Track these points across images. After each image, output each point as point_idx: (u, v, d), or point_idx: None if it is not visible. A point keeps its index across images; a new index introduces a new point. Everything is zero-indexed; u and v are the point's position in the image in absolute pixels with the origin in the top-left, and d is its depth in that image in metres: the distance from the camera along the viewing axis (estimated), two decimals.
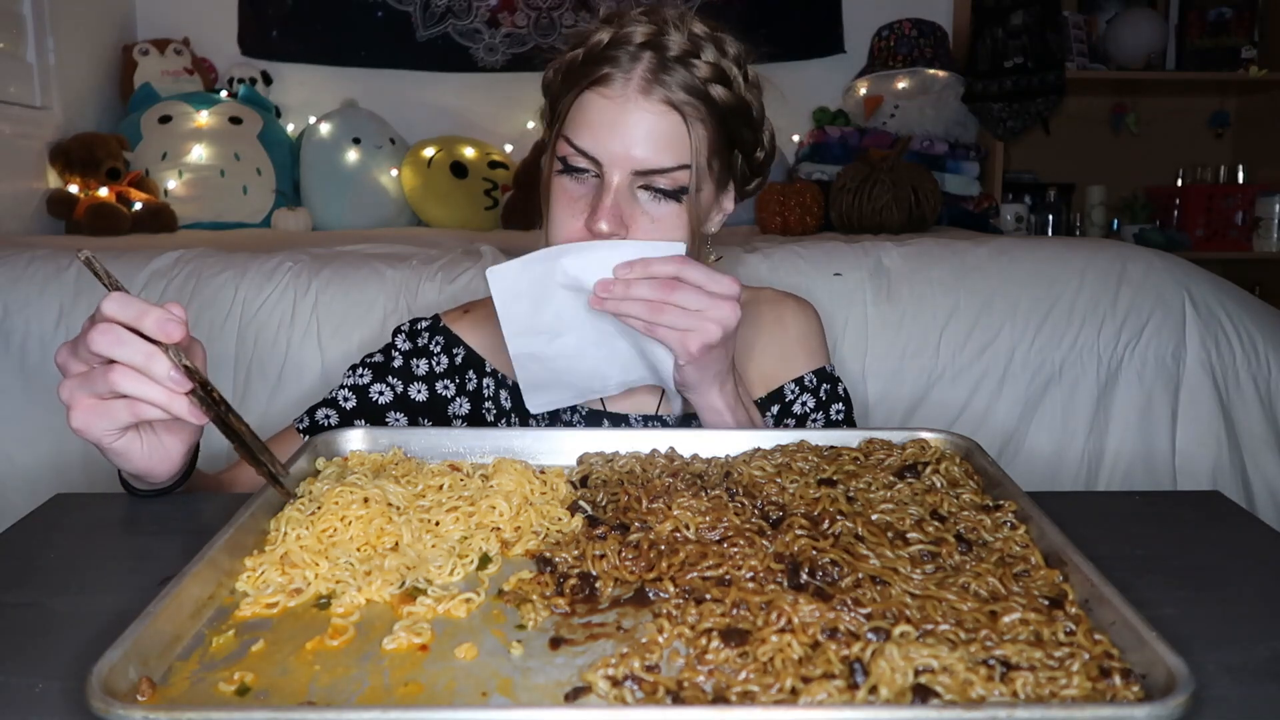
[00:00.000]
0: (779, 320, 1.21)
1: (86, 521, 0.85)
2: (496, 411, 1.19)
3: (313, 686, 0.56)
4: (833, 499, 0.77)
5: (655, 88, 0.98)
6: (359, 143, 3.06)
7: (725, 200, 1.10)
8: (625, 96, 0.98)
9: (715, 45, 1.02)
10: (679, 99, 0.99)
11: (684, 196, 1.00)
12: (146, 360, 0.75)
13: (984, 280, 1.64)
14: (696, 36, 1.01)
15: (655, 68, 0.99)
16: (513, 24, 3.38)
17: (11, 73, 2.71)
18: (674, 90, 0.99)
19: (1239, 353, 1.61)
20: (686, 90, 0.99)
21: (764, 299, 1.24)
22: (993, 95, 3.21)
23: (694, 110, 0.99)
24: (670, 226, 1.00)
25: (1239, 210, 3.55)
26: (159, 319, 0.75)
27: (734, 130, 1.05)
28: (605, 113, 0.99)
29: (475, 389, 1.20)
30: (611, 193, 0.99)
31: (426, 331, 1.22)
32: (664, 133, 0.99)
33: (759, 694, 0.54)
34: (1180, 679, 0.51)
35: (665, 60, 0.99)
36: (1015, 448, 1.60)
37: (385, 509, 0.75)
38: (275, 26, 3.34)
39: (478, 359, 1.20)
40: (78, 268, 1.63)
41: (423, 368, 1.20)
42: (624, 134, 0.98)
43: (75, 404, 0.79)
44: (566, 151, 1.01)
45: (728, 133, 1.04)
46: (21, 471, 1.55)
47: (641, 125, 0.98)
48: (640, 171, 0.99)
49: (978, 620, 0.60)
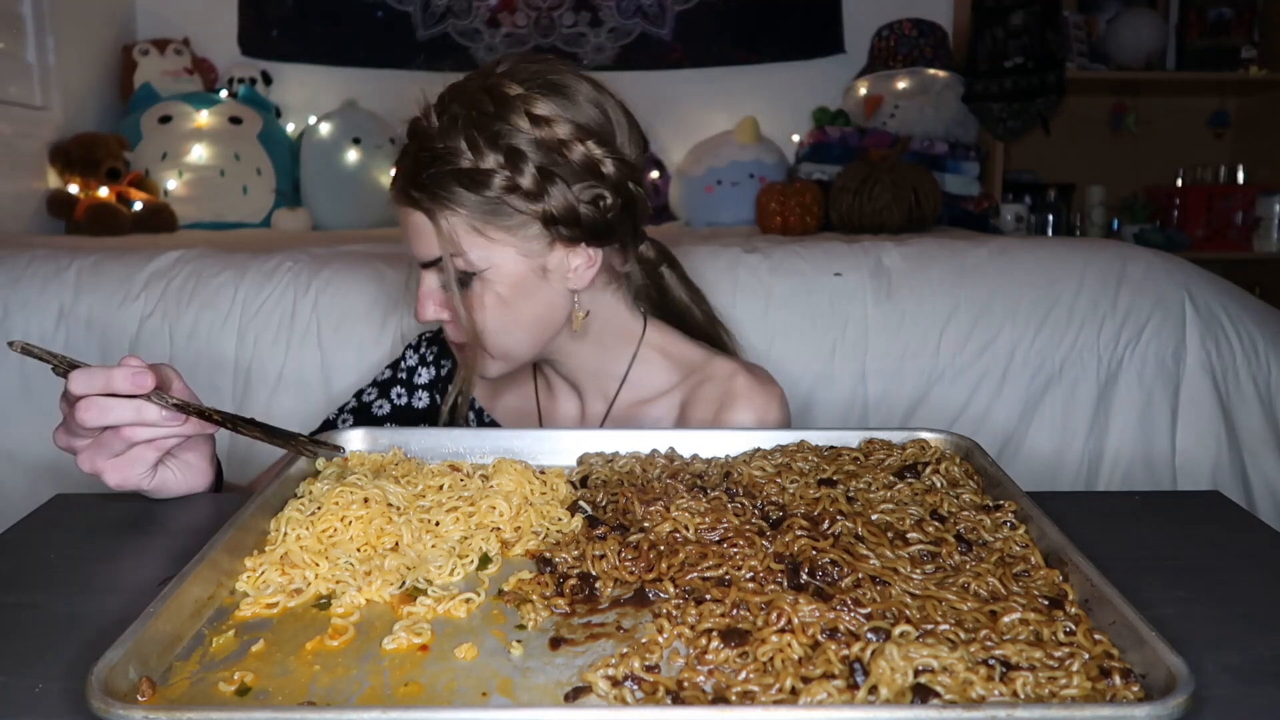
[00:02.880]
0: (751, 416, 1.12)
1: (86, 521, 0.85)
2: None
3: (313, 686, 0.56)
4: (833, 499, 0.77)
5: (405, 191, 1.02)
6: (359, 143, 3.06)
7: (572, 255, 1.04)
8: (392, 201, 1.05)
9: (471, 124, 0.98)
10: (422, 203, 1.01)
11: (474, 279, 1.02)
12: (138, 414, 0.81)
13: (984, 280, 1.64)
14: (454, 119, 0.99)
15: (408, 169, 1.02)
16: (513, 24, 3.38)
17: (11, 73, 2.71)
18: (416, 197, 1.01)
19: (1239, 353, 1.61)
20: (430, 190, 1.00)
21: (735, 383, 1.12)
22: (993, 95, 3.21)
23: (436, 204, 1.00)
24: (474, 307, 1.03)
25: (1239, 210, 3.55)
26: (126, 377, 0.80)
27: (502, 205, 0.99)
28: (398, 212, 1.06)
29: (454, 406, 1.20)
30: (423, 284, 1.05)
31: (427, 341, 1.28)
32: (419, 230, 1.02)
33: (759, 694, 0.54)
34: (1180, 679, 0.51)
35: (417, 159, 1.01)
36: (1015, 448, 1.60)
37: (385, 509, 0.75)
38: (275, 26, 3.34)
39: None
40: (78, 267, 1.63)
41: (424, 376, 1.26)
42: (403, 232, 1.05)
43: (103, 470, 0.84)
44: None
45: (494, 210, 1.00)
46: (21, 471, 1.55)
47: (406, 225, 1.04)
48: (423, 264, 1.04)
49: (978, 620, 0.60)
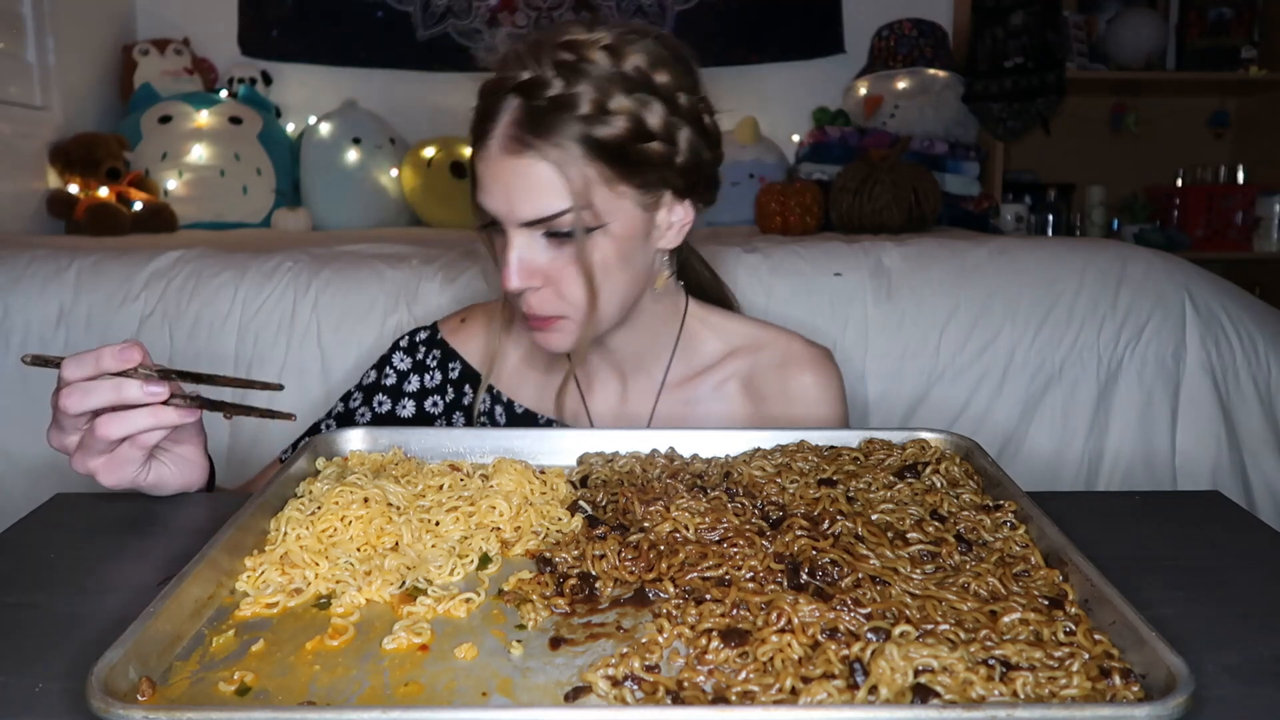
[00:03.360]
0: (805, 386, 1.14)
1: (86, 521, 0.85)
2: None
3: (313, 686, 0.56)
4: (833, 499, 0.77)
5: (520, 142, 0.94)
6: (359, 143, 3.06)
7: (673, 211, 1.03)
8: (499, 153, 0.96)
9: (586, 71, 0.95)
10: (548, 153, 0.94)
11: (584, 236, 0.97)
12: (118, 393, 0.80)
13: (984, 280, 1.64)
14: (566, 66, 0.95)
15: (520, 118, 0.95)
16: (513, 24, 3.38)
17: (11, 73, 2.71)
18: (540, 146, 0.94)
19: (1239, 353, 1.61)
20: (553, 140, 0.94)
21: (793, 349, 1.15)
22: (993, 95, 3.21)
23: (563, 155, 0.94)
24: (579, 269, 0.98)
25: (1239, 210, 3.55)
26: (113, 353, 0.80)
27: (633, 154, 0.97)
28: (487, 170, 0.97)
29: (471, 404, 1.17)
30: (513, 248, 0.97)
31: (424, 345, 1.20)
32: (537, 183, 0.95)
33: (759, 694, 0.54)
34: (1180, 679, 0.51)
35: (531, 109, 0.94)
36: (1015, 448, 1.60)
37: (385, 509, 0.75)
38: (275, 26, 3.34)
39: (474, 374, 1.18)
40: (78, 267, 1.63)
41: (414, 384, 1.18)
42: (501, 191, 0.96)
43: (94, 470, 0.84)
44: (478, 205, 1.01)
45: (622, 159, 0.97)
46: (21, 471, 1.55)
47: (515, 180, 0.95)
48: (527, 224, 0.96)
49: (978, 620, 0.60)
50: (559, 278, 0.98)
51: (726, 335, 1.16)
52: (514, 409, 1.17)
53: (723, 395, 1.14)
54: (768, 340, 1.16)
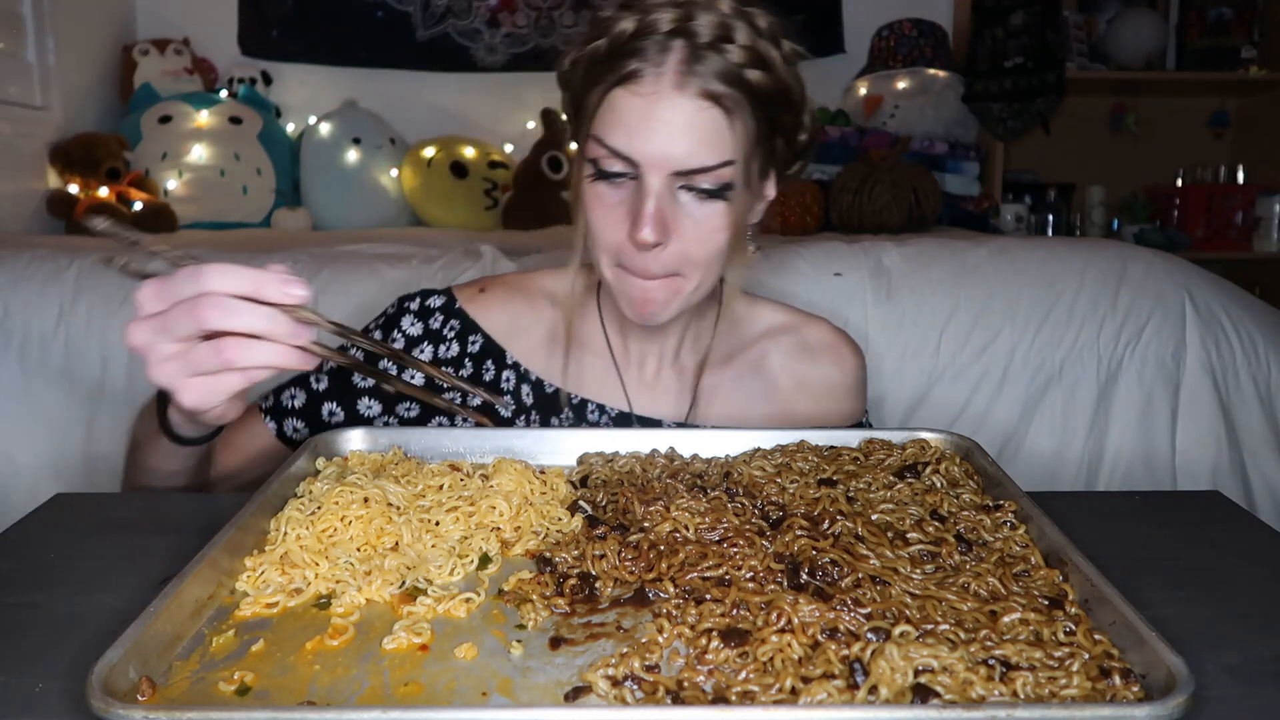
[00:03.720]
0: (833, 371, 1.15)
1: (86, 521, 0.85)
2: (516, 409, 1.11)
3: (313, 686, 0.56)
4: (833, 499, 0.77)
5: (690, 80, 0.90)
6: (359, 143, 3.06)
7: (767, 187, 1.03)
8: (658, 92, 0.90)
9: (748, 23, 0.93)
10: (717, 90, 0.90)
11: (729, 194, 0.93)
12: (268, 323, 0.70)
13: (984, 280, 1.64)
14: (727, 17, 0.92)
15: (688, 57, 0.90)
16: (513, 24, 3.38)
17: (11, 73, 2.71)
18: (710, 81, 0.90)
19: (1239, 353, 1.61)
20: (723, 79, 0.90)
21: (817, 336, 1.16)
22: (993, 95, 3.21)
23: (734, 100, 0.91)
24: (714, 227, 0.94)
25: (1239, 210, 3.55)
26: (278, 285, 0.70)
27: (775, 115, 0.96)
28: (638, 111, 0.91)
29: (493, 381, 1.11)
30: (652, 197, 0.91)
31: (440, 313, 1.12)
32: (703, 127, 0.90)
33: (759, 694, 0.54)
34: (1180, 679, 0.51)
35: (697, 48, 0.90)
36: (1015, 448, 1.60)
37: (385, 509, 0.75)
38: (275, 26, 3.34)
39: (497, 349, 1.11)
40: (78, 267, 1.63)
41: (425, 352, 1.10)
42: (660, 133, 0.90)
43: (180, 387, 0.74)
44: (599, 154, 0.94)
45: (768, 118, 0.95)
46: (21, 471, 1.55)
47: (678, 121, 0.90)
48: (680, 172, 0.91)
49: (978, 620, 0.60)
50: (687, 236, 0.94)
51: (761, 317, 1.16)
52: (543, 388, 1.11)
53: (761, 376, 1.13)
54: (798, 324, 1.16)
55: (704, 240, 0.94)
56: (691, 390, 1.12)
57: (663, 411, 1.12)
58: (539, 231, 2.81)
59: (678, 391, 1.12)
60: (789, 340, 1.15)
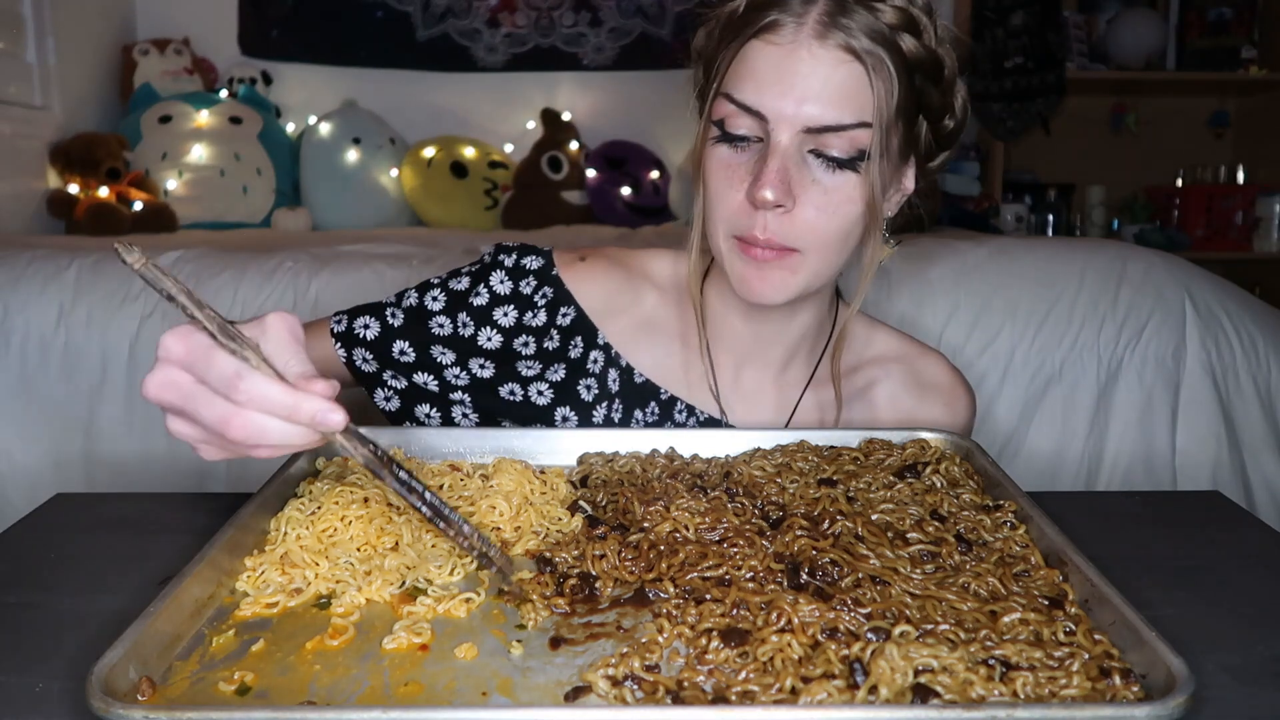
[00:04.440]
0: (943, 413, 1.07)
1: (86, 521, 0.85)
2: (599, 392, 1.03)
3: (313, 686, 0.56)
4: (833, 499, 0.77)
5: (833, 31, 0.83)
6: (359, 143, 3.06)
7: (906, 177, 0.95)
8: (797, 42, 0.84)
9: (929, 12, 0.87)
10: (862, 45, 0.83)
11: (861, 164, 0.86)
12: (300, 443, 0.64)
13: (984, 280, 1.64)
14: None
15: (833, 9, 0.84)
16: (513, 24, 3.38)
17: (11, 73, 2.71)
18: (856, 35, 0.83)
19: (1239, 353, 1.61)
20: (870, 35, 0.84)
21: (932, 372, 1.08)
22: (993, 95, 3.21)
23: (877, 60, 0.84)
24: (844, 199, 0.87)
25: (1239, 210, 3.55)
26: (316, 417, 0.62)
27: (921, 90, 0.89)
28: (773, 61, 0.85)
29: (579, 359, 1.03)
30: (778, 154, 0.84)
31: (535, 277, 1.02)
32: (841, 84, 0.84)
33: (759, 694, 0.54)
34: (1180, 679, 0.51)
35: (844, 1, 0.84)
36: (1015, 448, 1.60)
37: (385, 509, 0.75)
38: (275, 26, 3.34)
39: (589, 326, 1.03)
40: (78, 267, 1.63)
41: (509, 316, 1.01)
42: (794, 84, 0.84)
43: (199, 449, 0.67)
44: (726, 111, 0.87)
45: (914, 93, 0.88)
46: (21, 471, 1.55)
47: (816, 74, 0.84)
48: (812, 129, 0.84)
49: (978, 620, 0.60)
50: (814, 204, 0.86)
51: (876, 341, 1.09)
52: (633, 376, 1.03)
53: (865, 402, 1.06)
54: (914, 355, 1.09)
55: (831, 212, 0.87)
56: (793, 405, 1.04)
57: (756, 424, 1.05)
58: (539, 231, 2.82)
59: (776, 405, 1.05)
60: (901, 371, 1.07)
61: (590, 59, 3.37)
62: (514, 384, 1.04)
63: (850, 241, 0.91)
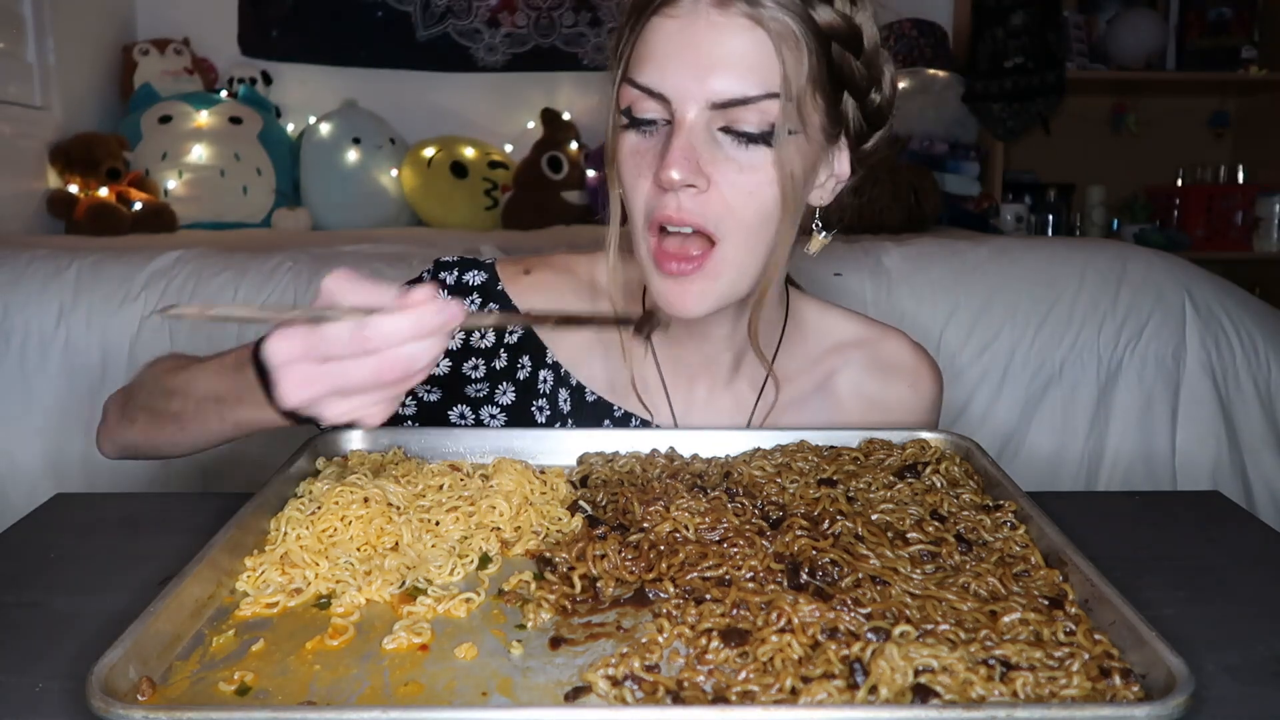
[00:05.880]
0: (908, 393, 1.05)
1: (86, 521, 0.85)
2: (550, 414, 1.00)
3: (313, 686, 0.56)
4: (833, 499, 0.77)
5: (732, 4, 0.80)
6: (359, 143, 3.06)
7: (838, 160, 0.90)
8: (695, 13, 0.80)
9: None
10: (766, 12, 0.79)
11: (776, 140, 0.81)
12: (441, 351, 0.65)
13: (984, 280, 1.64)
14: None
15: None
16: (513, 24, 3.38)
17: (11, 73, 2.71)
18: (759, 1, 0.79)
19: (1239, 353, 1.61)
20: (776, 1, 0.80)
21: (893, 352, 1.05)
22: (993, 95, 3.21)
23: (783, 26, 0.80)
24: (762, 179, 0.82)
25: (1239, 210, 3.55)
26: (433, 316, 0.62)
27: (840, 62, 0.84)
28: (672, 37, 0.81)
29: (528, 380, 0.99)
30: (684, 132, 0.80)
31: (478, 293, 0.99)
32: (745, 53, 0.79)
33: (759, 694, 0.54)
34: (1180, 679, 0.51)
35: None
36: (1015, 448, 1.60)
37: (385, 509, 0.75)
38: (275, 26, 3.34)
39: (537, 344, 1.00)
40: (78, 267, 1.63)
41: (456, 339, 0.98)
42: (695, 58, 0.80)
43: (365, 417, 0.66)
44: (631, 97, 0.83)
45: (832, 64, 0.83)
46: (21, 471, 1.55)
47: (718, 45, 0.79)
48: (718, 104, 0.80)
49: (978, 620, 0.60)
50: (728, 182, 0.82)
51: (832, 328, 1.05)
52: (584, 395, 1.00)
53: (828, 396, 1.03)
54: (874, 338, 1.05)
55: (749, 193, 0.82)
56: (750, 409, 1.01)
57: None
58: (539, 231, 2.81)
59: (732, 410, 1.01)
60: (861, 356, 1.04)
61: (590, 59, 3.37)
62: (464, 406, 1.00)
63: (771, 226, 0.85)
